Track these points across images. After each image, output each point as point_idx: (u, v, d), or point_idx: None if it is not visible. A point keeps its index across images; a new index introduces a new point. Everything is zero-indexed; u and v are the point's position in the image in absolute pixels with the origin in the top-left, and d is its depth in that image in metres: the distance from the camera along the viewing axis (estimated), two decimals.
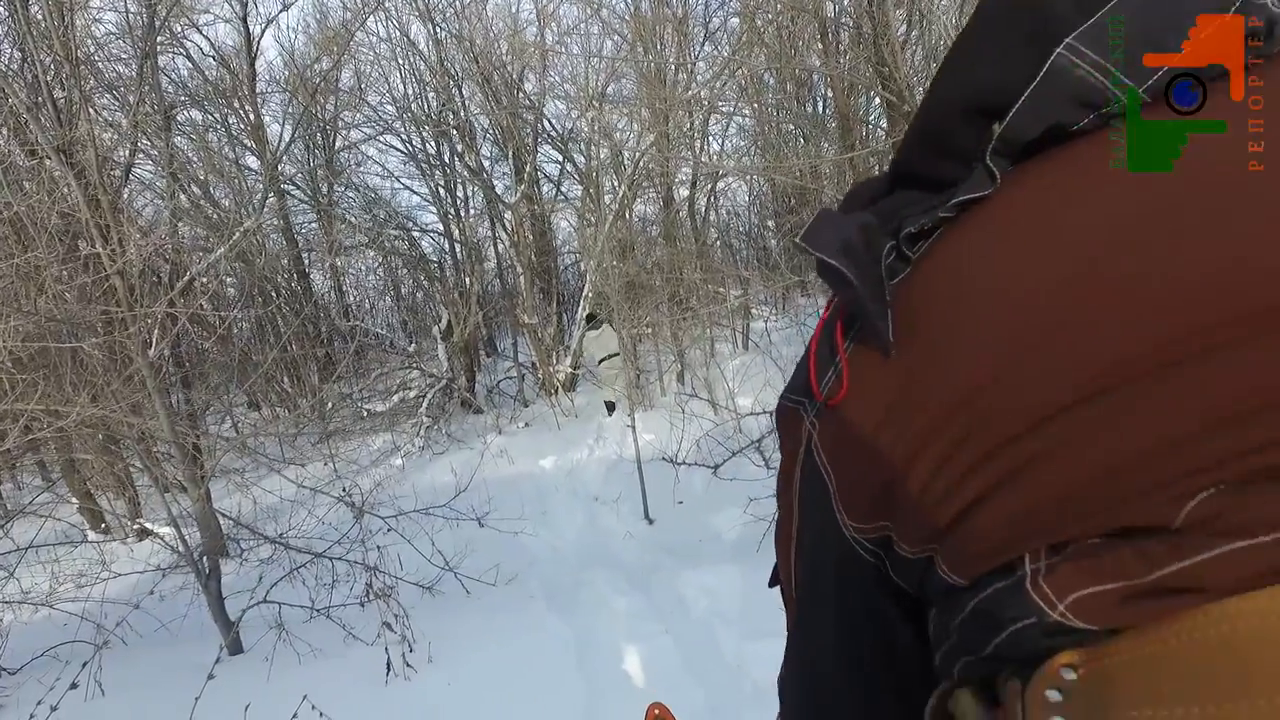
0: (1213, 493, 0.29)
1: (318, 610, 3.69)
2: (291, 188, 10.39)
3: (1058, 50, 0.37)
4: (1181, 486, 0.30)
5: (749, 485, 4.37)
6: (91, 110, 3.82)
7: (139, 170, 7.46)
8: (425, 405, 8.55)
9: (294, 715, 2.45)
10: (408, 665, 3.09)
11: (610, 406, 7.94)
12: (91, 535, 6.00)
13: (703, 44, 9.59)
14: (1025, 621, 0.33)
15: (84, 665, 3.10)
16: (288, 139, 9.76)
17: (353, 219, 10.82)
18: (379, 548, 3.86)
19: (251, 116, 9.67)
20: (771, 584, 0.57)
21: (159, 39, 6.79)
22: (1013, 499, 0.34)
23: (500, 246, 10.66)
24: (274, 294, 9.38)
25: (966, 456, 0.36)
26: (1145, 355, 0.31)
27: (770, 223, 10.85)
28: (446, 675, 3.07)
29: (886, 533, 0.41)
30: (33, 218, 2.92)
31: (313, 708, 2.45)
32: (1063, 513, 0.32)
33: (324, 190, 10.96)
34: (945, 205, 0.40)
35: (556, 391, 8.77)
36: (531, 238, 9.83)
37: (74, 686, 2.68)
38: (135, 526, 5.98)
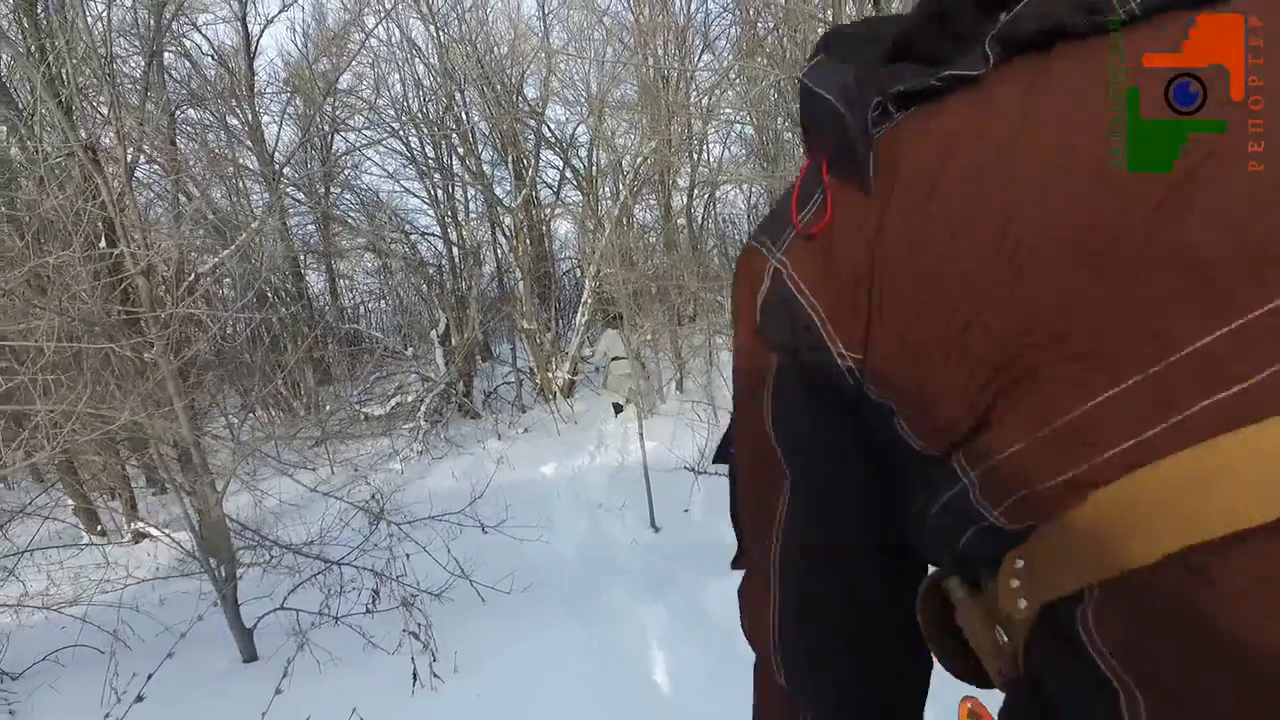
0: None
1: (336, 618, 3.64)
2: (292, 189, 10.31)
3: None
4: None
5: None
6: (121, 110, 3.77)
7: (137, 171, 7.38)
8: (423, 410, 8.49)
9: None
10: (434, 675, 3.05)
11: (617, 408, 7.89)
12: (89, 538, 5.90)
13: (701, 53, 9.66)
14: (981, 524, 0.43)
15: (133, 675, 3.05)
16: (290, 140, 9.69)
17: (351, 221, 10.74)
18: (407, 555, 3.82)
19: (250, 117, 9.58)
20: (734, 565, 0.63)
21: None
22: (913, 333, 0.42)
23: (499, 251, 10.63)
24: (271, 296, 9.28)
25: (888, 303, 0.43)
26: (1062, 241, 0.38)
27: None
28: (475, 686, 3.03)
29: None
30: (63, 217, 2.88)
31: None
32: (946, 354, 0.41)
33: (321, 192, 10.88)
34: (939, 75, 0.43)
35: (555, 397, 8.73)
36: (530, 243, 9.80)
37: (139, 699, 2.62)
38: (132, 529, 5.89)
